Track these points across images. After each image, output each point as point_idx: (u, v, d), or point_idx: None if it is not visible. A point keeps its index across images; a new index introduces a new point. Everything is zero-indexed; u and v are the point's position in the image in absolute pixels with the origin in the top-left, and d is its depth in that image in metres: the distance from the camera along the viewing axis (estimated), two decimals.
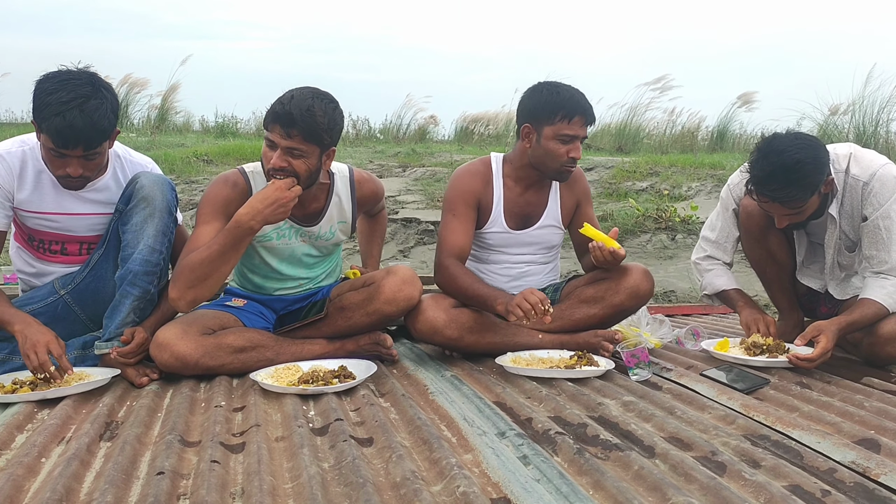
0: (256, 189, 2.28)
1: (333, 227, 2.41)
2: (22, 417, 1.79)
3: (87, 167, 2.11)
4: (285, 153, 2.12)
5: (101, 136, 2.06)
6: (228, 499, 1.34)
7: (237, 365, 2.19)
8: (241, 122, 11.55)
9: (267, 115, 2.15)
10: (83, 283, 2.30)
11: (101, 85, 2.07)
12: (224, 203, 2.24)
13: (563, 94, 2.37)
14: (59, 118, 1.97)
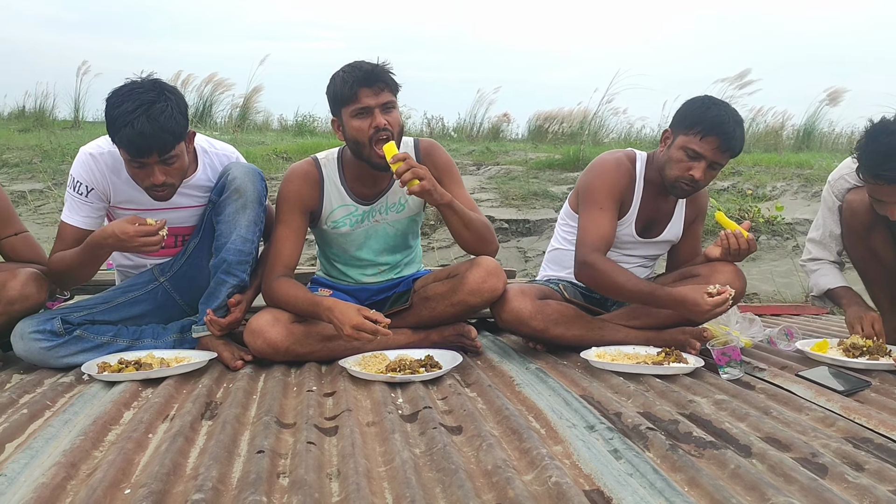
0: (327, 177, 2.36)
1: (403, 198, 2.41)
2: (128, 395, 1.88)
3: (169, 173, 2.12)
4: (382, 111, 2.16)
5: (172, 138, 2.07)
6: (325, 479, 1.38)
7: (325, 353, 2.25)
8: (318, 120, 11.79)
9: (340, 89, 2.18)
10: (180, 270, 2.41)
11: (164, 89, 2.09)
12: (296, 198, 2.33)
13: (711, 110, 2.28)
14: (129, 128, 2.00)
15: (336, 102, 2.22)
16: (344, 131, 2.25)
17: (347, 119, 2.20)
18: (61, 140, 8.13)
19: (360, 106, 2.16)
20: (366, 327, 2.04)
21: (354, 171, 2.35)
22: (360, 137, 2.19)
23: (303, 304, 2.19)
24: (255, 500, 1.23)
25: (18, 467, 1.41)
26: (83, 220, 2.25)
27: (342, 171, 2.37)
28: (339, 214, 2.37)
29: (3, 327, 2.18)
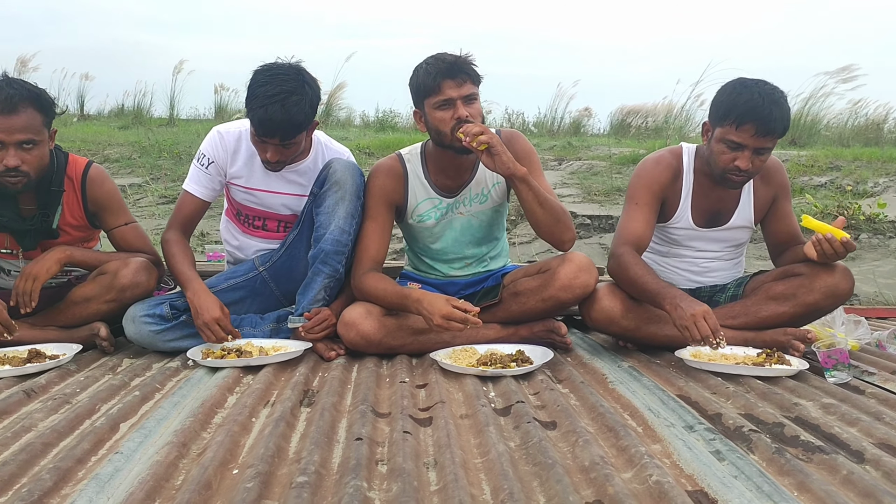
0: (411, 172, 2.39)
1: (486, 189, 2.42)
2: (231, 381, 1.96)
3: (283, 154, 2.29)
4: (464, 103, 2.18)
5: (296, 129, 2.23)
6: (423, 468, 1.39)
7: (416, 346, 2.28)
8: (399, 116, 11.93)
9: (423, 81, 2.19)
10: (279, 261, 2.49)
11: (305, 80, 2.23)
12: (381, 193, 2.37)
13: (743, 96, 2.17)
14: (262, 110, 2.16)
15: (419, 94, 2.24)
16: (426, 122, 2.27)
17: (430, 110, 2.23)
18: (157, 137, 8.52)
19: (442, 98, 2.18)
20: (455, 316, 2.05)
21: (437, 164, 2.37)
22: (442, 128, 2.22)
23: (392, 297, 2.23)
24: (356, 486, 1.26)
25: (133, 445, 1.49)
26: (201, 191, 2.43)
27: (425, 164, 2.40)
28: (424, 208, 2.40)
29: (115, 312, 2.30)
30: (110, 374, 2.08)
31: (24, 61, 10.60)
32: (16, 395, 1.81)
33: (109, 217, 2.39)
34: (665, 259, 2.49)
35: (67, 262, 2.26)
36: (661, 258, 2.48)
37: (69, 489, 1.29)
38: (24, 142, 2.12)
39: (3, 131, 2.08)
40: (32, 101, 2.13)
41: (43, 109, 2.17)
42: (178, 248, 2.35)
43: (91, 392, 1.87)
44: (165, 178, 7.13)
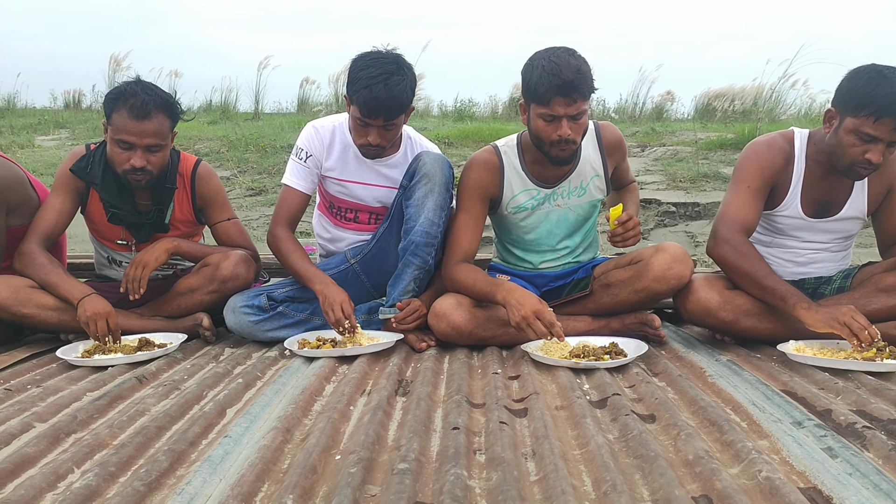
0: (508, 164, 2.36)
1: (585, 182, 2.40)
2: (327, 370, 2.01)
3: (385, 137, 2.33)
4: (570, 120, 2.14)
5: (399, 108, 2.27)
6: (521, 458, 1.39)
7: (507, 337, 2.27)
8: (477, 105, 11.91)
9: (536, 88, 2.13)
10: (370, 253, 2.53)
11: (404, 64, 2.28)
12: (477, 186, 2.36)
13: (882, 87, 2.02)
14: (367, 91, 2.21)
15: (528, 93, 2.20)
16: (529, 120, 2.25)
17: (535, 115, 2.19)
18: (244, 131, 8.77)
19: (550, 112, 2.14)
20: (545, 316, 2.04)
21: (535, 155, 2.35)
22: (542, 136, 2.20)
23: (481, 286, 2.22)
24: (457, 474, 1.27)
25: (240, 430, 1.55)
26: (302, 184, 2.48)
27: (522, 155, 2.38)
28: (520, 199, 2.38)
29: (217, 303, 2.40)
30: (214, 363, 2.17)
31: (118, 61, 11.11)
32: (129, 381, 1.91)
33: (214, 212, 2.50)
34: (768, 249, 2.38)
35: (174, 252, 2.37)
36: (764, 248, 2.37)
37: (183, 470, 1.36)
38: (152, 146, 2.24)
39: (135, 134, 2.21)
40: (163, 108, 2.25)
41: (171, 115, 2.29)
42: (290, 245, 2.41)
43: (198, 379, 1.96)
44: (252, 170, 7.34)
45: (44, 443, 1.46)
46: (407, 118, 2.39)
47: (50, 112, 11.11)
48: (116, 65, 11.06)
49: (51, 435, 1.50)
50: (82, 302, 2.18)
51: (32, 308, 2.24)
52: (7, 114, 10.82)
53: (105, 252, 2.57)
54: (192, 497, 1.23)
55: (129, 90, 2.22)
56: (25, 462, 1.38)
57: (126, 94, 2.21)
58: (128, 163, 2.24)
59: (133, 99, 2.20)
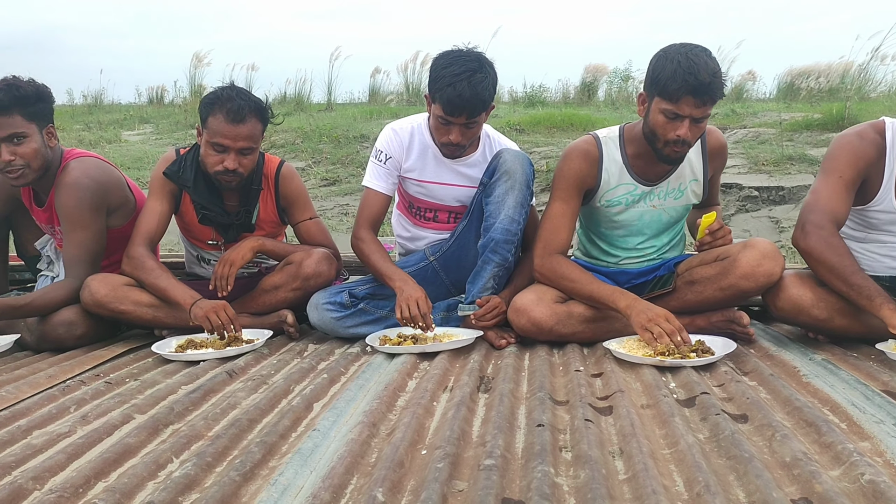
0: (608, 155, 2.32)
1: (683, 185, 2.34)
2: (409, 366, 2.03)
3: (466, 135, 2.34)
4: (693, 122, 2.09)
5: (482, 106, 2.28)
6: (608, 456, 1.37)
7: (588, 334, 2.25)
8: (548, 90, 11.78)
9: (665, 83, 2.06)
10: (449, 250, 2.54)
11: (485, 62, 2.29)
12: (576, 177, 2.31)
13: None
14: (451, 88, 2.22)
15: (654, 85, 2.13)
16: (647, 113, 2.18)
17: (656, 109, 2.12)
18: (318, 122, 8.94)
19: (675, 110, 2.08)
20: (675, 322, 2.03)
21: (638, 150, 2.29)
22: (659, 133, 2.13)
23: (593, 288, 2.19)
24: (544, 471, 1.26)
25: (328, 424, 1.58)
26: (383, 186, 2.51)
27: (624, 148, 2.32)
28: (616, 193, 2.33)
29: (300, 300, 2.46)
30: (299, 358, 2.22)
31: (200, 58, 11.52)
32: (220, 375, 1.98)
33: (297, 212, 2.56)
34: (863, 245, 2.26)
35: (259, 250, 2.44)
36: (858, 244, 2.25)
37: (275, 462, 1.39)
38: (244, 149, 2.32)
39: (230, 138, 2.29)
40: (256, 112, 2.33)
41: (263, 119, 2.37)
42: (373, 247, 2.45)
43: (284, 374, 2.01)
44: (326, 161, 7.47)
45: (144, 433, 1.53)
46: (487, 116, 2.39)
47: (135, 108, 11.62)
48: (198, 61, 11.48)
49: (150, 426, 1.57)
50: (195, 305, 2.27)
51: (129, 304, 2.35)
52: (95, 110, 11.37)
53: (195, 251, 2.67)
54: (286, 488, 1.26)
55: (225, 95, 2.30)
56: (127, 452, 1.44)
57: (222, 99, 2.29)
58: (220, 165, 2.32)
59: (229, 104, 2.28)
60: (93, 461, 1.37)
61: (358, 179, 6.96)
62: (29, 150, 2.31)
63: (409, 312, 2.24)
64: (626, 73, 11.78)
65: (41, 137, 2.35)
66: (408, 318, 2.24)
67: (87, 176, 2.41)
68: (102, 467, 1.35)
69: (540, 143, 7.58)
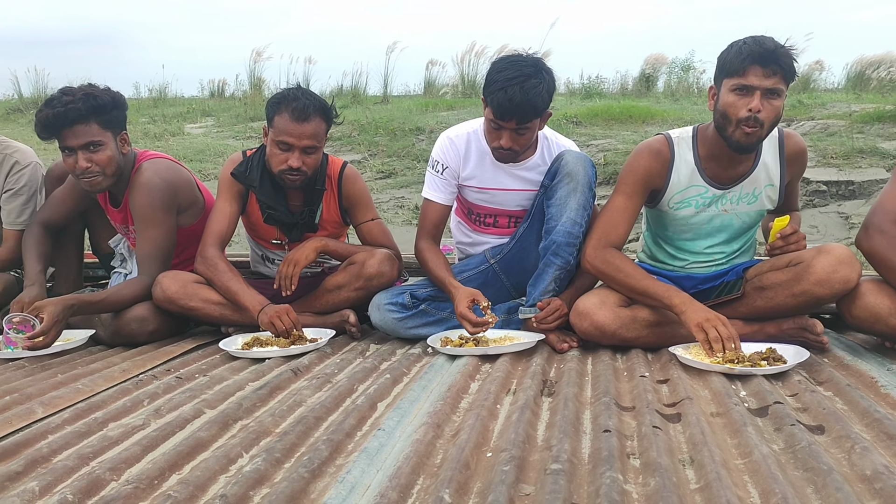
0: (679, 156, 2.26)
1: (758, 189, 2.27)
2: (471, 368, 2.02)
3: (517, 141, 2.31)
4: (764, 96, 2.03)
5: (532, 112, 2.25)
6: (678, 465, 1.34)
7: (652, 339, 2.21)
8: (605, 82, 11.62)
9: (731, 59, 2.04)
10: (510, 253, 2.53)
11: (543, 68, 2.26)
12: (644, 174, 2.26)
13: None
14: (502, 92, 2.21)
15: (721, 70, 2.10)
16: (717, 101, 2.13)
17: (725, 91, 2.08)
18: (374, 114, 9.02)
19: (743, 82, 2.03)
20: (731, 327, 1.98)
21: (711, 151, 2.23)
22: (730, 113, 2.08)
23: (645, 284, 2.15)
24: (612, 477, 1.24)
25: (392, 423, 1.59)
26: (441, 196, 2.52)
27: (697, 149, 2.26)
28: (686, 195, 2.27)
29: (362, 300, 2.49)
30: (361, 358, 2.25)
31: (259, 52, 11.76)
32: (285, 373, 2.01)
33: (359, 212, 2.59)
34: None
35: (323, 250, 2.48)
36: None
37: (342, 459, 1.41)
38: (308, 147, 2.36)
39: (294, 136, 2.34)
40: (321, 112, 2.37)
41: (327, 119, 2.41)
42: (431, 255, 2.47)
43: (348, 373, 2.03)
44: (382, 153, 7.53)
45: (214, 428, 1.57)
46: (543, 123, 2.37)
47: (197, 101, 11.93)
48: (257, 55, 11.72)
49: (220, 421, 1.61)
50: (262, 312, 2.32)
51: (198, 302, 2.41)
52: (160, 103, 11.71)
53: (260, 250, 2.73)
54: (353, 486, 1.27)
55: (291, 95, 2.34)
56: (199, 445, 1.48)
57: (288, 99, 2.34)
58: (285, 163, 2.36)
59: (294, 103, 2.32)
60: (167, 454, 1.41)
61: (413, 172, 7.01)
62: (104, 157, 2.39)
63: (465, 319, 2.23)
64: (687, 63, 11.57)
65: (115, 144, 2.43)
66: (466, 327, 2.24)
67: (159, 176, 2.49)
68: (176, 460, 1.39)
69: (597, 135, 7.49)
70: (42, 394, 1.84)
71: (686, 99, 10.25)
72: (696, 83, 11.37)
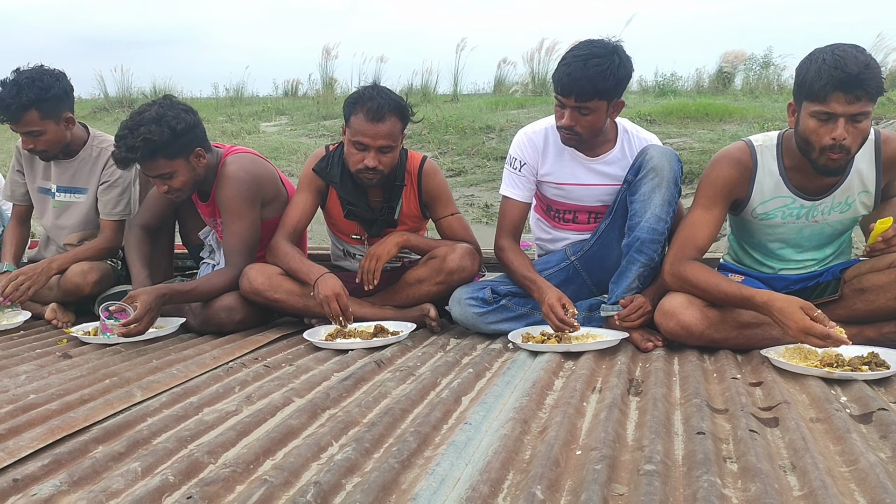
0: (762, 166, 2.15)
1: (851, 197, 2.15)
2: (554, 365, 2.00)
3: (579, 122, 2.28)
4: (848, 122, 1.90)
5: (591, 90, 2.20)
6: (779, 470, 1.29)
7: (741, 340, 2.13)
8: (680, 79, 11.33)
9: (811, 82, 1.90)
10: (591, 250, 2.49)
11: (616, 52, 2.22)
12: (724, 185, 2.16)
13: None
14: (565, 67, 2.22)
15: (801, 90, 1.98)
16: (798, 120, 2.01)
17: (806, 114, 1.96)
18: (444, 112, 9.05)
19: (825, 109, 1.90)
20: (816, 331, 1.84)
21: (797, 162, 2.11)
22: (812, 140, 1.96)
23: (725, 292, 2.06)
24: (710, 481, 1.21)
25: (478, 418, 1.58)
26: (520, 193, 2.50)
27: (781, 159, 2.15)
28: (771, 206, 2.17)
29: (442, 295, 2.49)
30: (442, 352, 2.25)
31: (328, 50, 11.94)
32: (369, 364, 2.04)
33: (439, 207, 2.60)
34: None
35: (404, 245, 2.49)
36: None
37: (430, 452, 1.41)
38: (384, 147, 2.38)
39: (370, 136, 2.36)
40: (396, 111, 2.39)
41: (403, 118, 2.42)
42: (513, 255, 2.45)
43: (430, 366, 2.04)
44: (452, 151, 7.54)
45: (304, 416, 1.60)
46: (615, 113, 2.33)
47: (272, 100, 12.22)
48: (328, 54, 11.91)
49: (309, 409, 1.64)
50: (318, 282, 2.35)
51: (282, 293, 2.46)
52: (236, 102, 12.04)
53: (341, 245, 2.77)
54: (444, 479, 1.28)
55: (367, 95, 2.36)
56: (290, 433, 1.51)
57: (363, 99, 2.36)
58: (361, 163, 2.38)
59: (370, 103, 2.34)
60: (260, 439, 1.44)
61: (483, 170, 6.99)
62: (178, 182, 2.46)
63: (553, 314, 2.21)
64: (767, 59, 11.16)
65: (188, 166, 2.47)
66: (553, 324, 2.21)
67: (243, 170, 2.55)
68: (269, 446, 1.42)
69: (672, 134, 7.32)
70: (140, 378, 1.92)
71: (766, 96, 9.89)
72: (778, 80, 10.97)
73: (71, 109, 2.77)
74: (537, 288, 2.33)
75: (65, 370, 2.05)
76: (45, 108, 2.64)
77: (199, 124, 2.49)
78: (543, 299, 2.26)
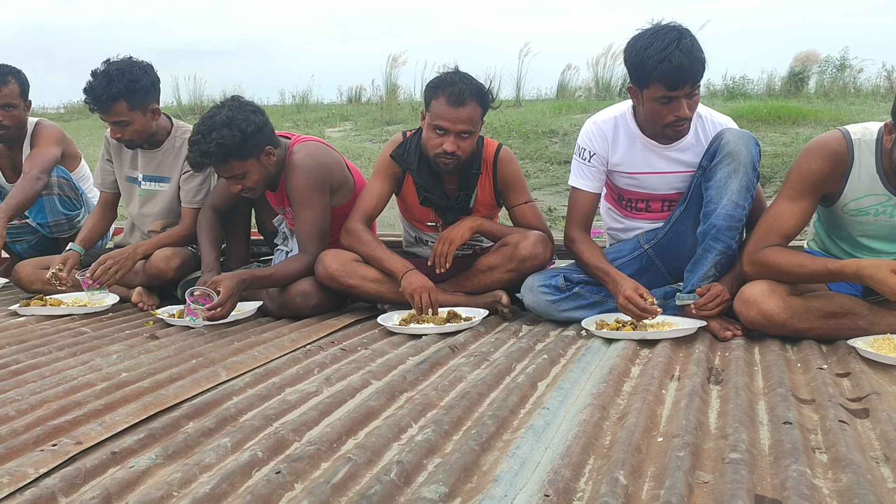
0: (859, 161, 2.03)
1: None
2: (630, 352, 1.98)
3: (692, 107, 2.23)
4: None
5: (701, 68, 2.16)
6: (871, 462, 1.25)
7: (826, 331, 2.06)
8: (750, 82, 10.98)
9: None
10: (665, 238, 2.45)
11: (683, 28, 2.17)
12: (815, 179, 2.07)
13: None
14: (666, 63, 2.10)
15: None
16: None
17: None
18: (507, 117, 8.99)
19: None
20: None
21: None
22: None
23: (811, 270, 2.00)
24: (799, 471, 1.18)
25: (556, 403, 1.58)
26: (589, 184, 2.46)
27: (880, 156, 2.02)
28: (864, 203, 2.08)
29: (514, 282, 2.49)
30: (515, 338, 2.25)
31: (395, 58, 12.01)
32: (443, 349, 2.06)
33: (513, 195, 2.59)
34: None
35: (478, 230, 2.50)
36: None
37: (509, 435, 1.42)
38: (463, 132, 2.39)
39: (450, 120, 2.37)
40: (477, 96, 2.39)
41: (484, 104, 2.43)
42: (584, 246, 2.42)
43: (504, 352, 2.05)
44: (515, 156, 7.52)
45: (382, 398, 1.63)
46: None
47: (336, 106, 12.38)
48: (394, 61, 11.98)
49: (387, 392, 1.67)
50: (406, 275, 2.39)
51: (357, 279, 2.50)
52: (303, 109, 12.26)
53: (414, 232, 2.79)
54: (524, 461, 1.28)
55: (448, 79, 2.37)
56: (370, 414, 1.54)
57: (445, 83, 2.37)
58: (440, 147, 2.39)
59: (451, 88, 2.35)
60: (342, 419, 1.48)
61: (546, 174, 6.96)
62: (250, 182, 2.53)
63: (632, 304, 2.18)
64: (842, 60, 10.71)
65: (260, 165, 2.52)
66: (633, 313, 2.19)
67: (311, 157, 2.60)
68: (351, 426, 1.45)
69: None
70: (224, 359, 1.99)
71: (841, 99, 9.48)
72: (854, 82, 10.50)
73: (157, 101, 2.87)
74: (611, 279, 2.30)
75: (153, 350, 2.14)
76: (133, 99, 2.74)
77: (267, 123, 2.54)
78: (619, 291, 2.23)
